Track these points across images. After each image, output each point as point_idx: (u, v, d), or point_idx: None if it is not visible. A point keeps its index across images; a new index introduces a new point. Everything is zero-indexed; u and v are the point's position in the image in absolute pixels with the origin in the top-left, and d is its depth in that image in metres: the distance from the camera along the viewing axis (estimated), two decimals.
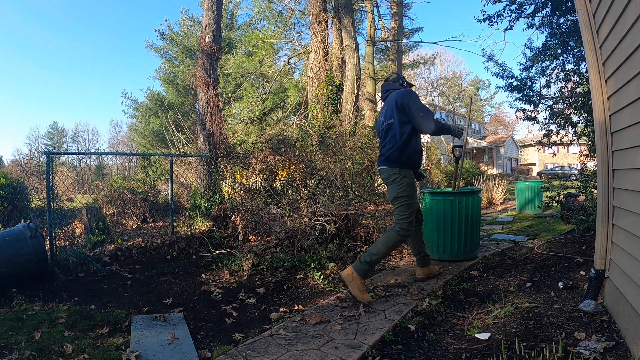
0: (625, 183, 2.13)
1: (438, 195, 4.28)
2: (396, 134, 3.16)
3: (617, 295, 2.18)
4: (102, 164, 14.07)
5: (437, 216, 4.23)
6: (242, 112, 15.45)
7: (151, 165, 9.37)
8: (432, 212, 4.28)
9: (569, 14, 5.14)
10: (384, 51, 19.14)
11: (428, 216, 4.29)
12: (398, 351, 2.29)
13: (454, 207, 4.13)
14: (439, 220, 4.22)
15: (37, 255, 3.73)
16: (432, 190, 4.66)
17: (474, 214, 4.24)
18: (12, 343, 2.41)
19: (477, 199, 4.32)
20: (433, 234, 4.29)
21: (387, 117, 3.26)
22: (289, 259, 4.16)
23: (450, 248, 4.21)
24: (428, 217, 4.28)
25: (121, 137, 47.89)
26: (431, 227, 4.28)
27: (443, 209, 4.19)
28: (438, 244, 4.28)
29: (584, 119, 5.07)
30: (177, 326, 2.75)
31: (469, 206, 4.17)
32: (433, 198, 4.29)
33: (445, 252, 4.25)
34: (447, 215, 4.17)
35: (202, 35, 6.65)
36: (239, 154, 6.20)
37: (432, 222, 4.28)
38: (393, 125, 3.19)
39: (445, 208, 4.18)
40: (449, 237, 4.19)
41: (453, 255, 4.21)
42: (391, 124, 3.20)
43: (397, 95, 3.22)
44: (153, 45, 23.33)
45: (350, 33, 10.05)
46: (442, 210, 4.19)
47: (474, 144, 33.38)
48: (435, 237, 4.27)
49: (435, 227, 4.25)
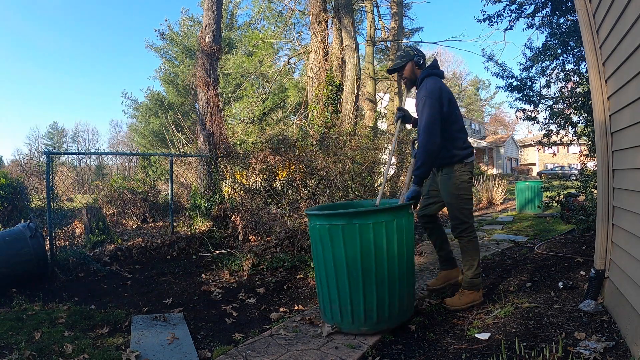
0: (625, 183, 2.13)
1: (335, 218, 2.35)
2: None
3: (617, 295, 2.18)
4: (102, 164, 14.08)
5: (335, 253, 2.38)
6: (242, 112, 15.45)
7: (151, 165, 9.38)
8: (324, 245, 2.41)
9: (569, 14, 5.14)
10: (384, 51, 19.14)
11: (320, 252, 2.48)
12: (398, 351, 2.29)
13: (364, 240, 2.30)
14: (336, 262, 2.37)
15: (37, 255, 3.73)
16: (324, 207, 2.99)
17: (401, 247, 2.42)
18: (12, 343, 2.41)
19: (407, 219, 2.49)
20: (331, 286, 2.45)
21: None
22: (289, 259, 4.16)
23: (364, 312, 2.37)
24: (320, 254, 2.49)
25: (121, 137, 47.92)
26: (325, 274, 2.45)
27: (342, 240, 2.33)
28: (335, 304, 2.46)
29: (584, 119, 5.06)
30: (177, 326, 2.75)
31: (395, 234, 2.36)
32: (323, 223, 2.39)
33: (351, 319, 2.41)
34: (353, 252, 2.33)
35: (202, 35, 6.65)
36: (239, 154, 6.21)
37: (326, 264, 2.43)
38: None
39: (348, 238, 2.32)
40: (358, 293, 2.36)
41: (368, 325, 2.40)
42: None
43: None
44: (153, 45, 23.37)
45: (350, 33, 10.05)
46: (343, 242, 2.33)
47: (474, 144, 33.36)
48: (334, 292, 2.43)
49: (333, 273, 2.40)
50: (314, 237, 2.50)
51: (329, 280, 2.43)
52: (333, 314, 2.48)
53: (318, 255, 2.49)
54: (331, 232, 2.34)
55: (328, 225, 2.35)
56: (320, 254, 2.46)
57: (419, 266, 4.14)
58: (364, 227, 2.29)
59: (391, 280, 2.39)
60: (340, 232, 2.31)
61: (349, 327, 2.43)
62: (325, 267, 2.44)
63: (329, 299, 2.48)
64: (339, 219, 2.32)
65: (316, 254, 2.52)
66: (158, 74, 23.64)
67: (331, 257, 2.38)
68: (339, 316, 2.45)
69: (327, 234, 2.36)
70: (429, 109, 2.58)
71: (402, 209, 2.45)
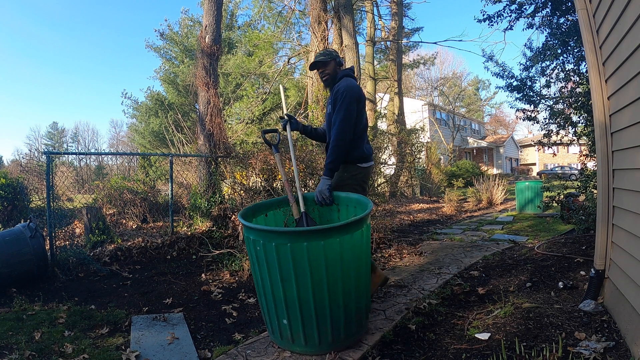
0: (625, 183, 2.13)
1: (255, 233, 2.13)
2: None
3: (617, 295, 2.18)
4: (102, 164, 14.09)
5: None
6: (242, 112, 15.46)
7: (151, 165, 9.37)
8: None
9: (569, 14, 5.14)
10: (384, 51, 19.15)
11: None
12: (398, 351, 2.29)
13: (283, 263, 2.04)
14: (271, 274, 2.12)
15: (37, 255, 3.73)
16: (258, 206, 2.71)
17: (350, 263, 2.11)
18: (12, 343, 2.41)
19: (359, 237, 2.14)
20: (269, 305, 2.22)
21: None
22: None
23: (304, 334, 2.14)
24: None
25: (121, 137, 47.90)
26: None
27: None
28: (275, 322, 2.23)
29: (584, 119, 5.07)
30: (177, 326, 2.75)
31: (335, 256, 2.04)
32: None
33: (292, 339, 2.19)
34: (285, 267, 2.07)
35: (202, 35, 6.65)
36: (239, 154, 6.20)
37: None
38: None
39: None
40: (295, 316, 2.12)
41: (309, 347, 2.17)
42: None
43: None
44: (153, 45, 23.38)
45: (350, 33, 10.05)
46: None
47: (474, 144, 33.38)
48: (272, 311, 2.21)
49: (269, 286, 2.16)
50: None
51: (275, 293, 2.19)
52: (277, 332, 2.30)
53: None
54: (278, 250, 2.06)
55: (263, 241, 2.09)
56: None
57: (419, 266, 4.14)
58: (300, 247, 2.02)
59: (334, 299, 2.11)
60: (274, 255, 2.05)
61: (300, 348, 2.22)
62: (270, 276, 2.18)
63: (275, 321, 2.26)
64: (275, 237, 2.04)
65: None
66: (158, 74, 23.67)
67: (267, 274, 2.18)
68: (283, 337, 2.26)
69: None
70: (347, 105, 2.64)
71: (346, 227, 2.07)
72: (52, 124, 49.15)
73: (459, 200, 11.43)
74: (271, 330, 2.31)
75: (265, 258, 2.09)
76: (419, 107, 27.30)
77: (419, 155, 13.96)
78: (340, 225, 2.05)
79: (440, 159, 19.43)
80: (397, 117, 15.50)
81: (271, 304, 2.18)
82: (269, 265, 2.09)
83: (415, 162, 13.36)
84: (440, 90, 37.89)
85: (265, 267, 2.11)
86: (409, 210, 10.00)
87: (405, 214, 9.16)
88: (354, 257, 2.13)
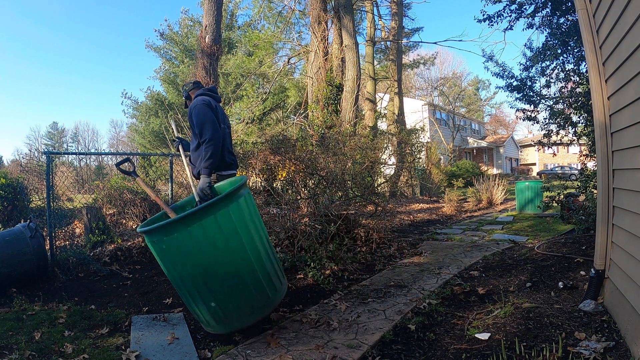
0: (625, 183, 2.13)
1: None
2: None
3: (617, 295, 2.18)
4: (102, 164, 14.09)
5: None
6: (242, 112, 15.44)
7: (151, 165, 9.36)
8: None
9: (569, 14, 5.14)
10: (384, 51, 19.15)
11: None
12: (398, 351, 2.29)
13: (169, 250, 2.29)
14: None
15: (37, 255, 3.73)
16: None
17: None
18: (12, 343, 2.41)
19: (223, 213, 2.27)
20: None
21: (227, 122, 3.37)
22: (289, 258, 4.16)
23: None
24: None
25: (121, 137, 47.90)
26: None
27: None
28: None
29: (584, 119, 5.07)
30: (177, 326, 2.75)
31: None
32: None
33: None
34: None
35: (202, 35, 6.65)
36: (239, 154, 6.20)
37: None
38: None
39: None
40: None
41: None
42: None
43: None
44: (153, 45, 23.39)
45: (350, 33, 10.05)
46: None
47: (474, 144, 33.37)
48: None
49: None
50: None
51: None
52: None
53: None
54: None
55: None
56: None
57: (419, 266, 4.14)
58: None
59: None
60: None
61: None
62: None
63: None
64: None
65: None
66: (158, 74, 23.68)
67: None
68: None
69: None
70: (204, 111, 2.98)
71: (213, 207, 2.24)
72: (52, 124, 49.17)
73: (459, 200, 11.43)
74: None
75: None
76: (419, 107, 27.30)
77: (419, 155, 13.96)
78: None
79: (440, 159, 19.43)
80: (397, 117, 15.50)
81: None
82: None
83: (415, 162, 13.36)
84: (440, 90, 37.88)
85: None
86: (409, 210, 10.00)
87: (405, 214, 9.16)
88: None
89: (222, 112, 3.22)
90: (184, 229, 2.21)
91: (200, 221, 2.22)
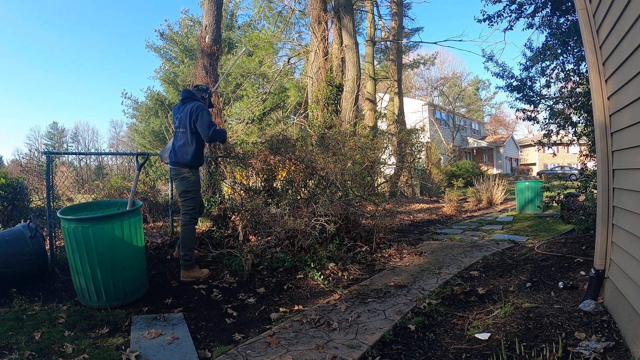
0: (625, 183, 2.13)
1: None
2: (187, 141, 3.74)
3: (617, 295, 2.18)
4: (102, 164, 14.10)
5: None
6: (242, 112, 15.44)
7: (151, 165, 9.36)
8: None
9: (569, 14, 5.14)
10: (384, 51, 19.15)
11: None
12: (398, 351, 2.29)
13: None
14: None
15: (37, 255, 3.73)
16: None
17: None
18: (12, 343, 2.41)
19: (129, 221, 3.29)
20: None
21: (181, 124, 3.79)
22: (289, 259, 4.16)
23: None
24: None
25: (121, 137, 47.91)
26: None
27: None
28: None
29: (584, 119, 5.07)
30: (177, 326, 2.75)
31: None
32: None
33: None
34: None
35: (202, 35, 6.65)
36: (239, 154, 6.19)
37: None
38: (186, 133, 3.76)
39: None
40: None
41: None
42: (184, 132, 3.77)
43: (193, 107, 3.71)
44: (153, 45, 23.40)
45: (350, 33, 10.05)
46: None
47: (474, 144, 33.37)
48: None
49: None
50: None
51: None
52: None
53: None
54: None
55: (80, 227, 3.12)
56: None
57: (419, 266, 4.14)
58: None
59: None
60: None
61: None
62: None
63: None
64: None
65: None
66: (158, 74, 23.69)
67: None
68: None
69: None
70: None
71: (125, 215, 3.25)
72: (52, 124, 49.18)
73: (459, 200, 11.44)
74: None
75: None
76: (419, 107, 27.31)
77: (419, 155, 13.96)
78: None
79: (440, 159, 19.44)
80: (397, 117, 15.51)
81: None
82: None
83: (415, 162, 13.37)
84: (440, 90, 37.90)
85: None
86: (409, 210, 10.00)
87: (405, 214, 9.16)
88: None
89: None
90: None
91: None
